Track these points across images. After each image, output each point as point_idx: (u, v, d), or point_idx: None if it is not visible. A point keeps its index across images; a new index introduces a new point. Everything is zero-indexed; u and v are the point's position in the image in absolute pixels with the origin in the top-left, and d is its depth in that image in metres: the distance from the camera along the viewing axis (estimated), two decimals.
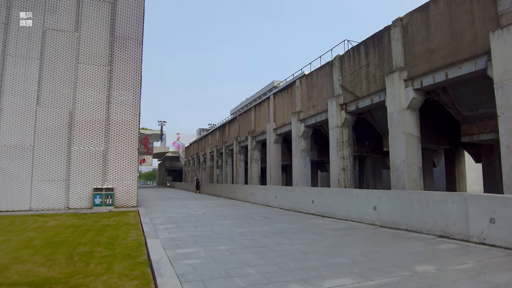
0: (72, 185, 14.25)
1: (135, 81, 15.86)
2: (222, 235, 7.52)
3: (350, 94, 12.89)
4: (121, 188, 14.96)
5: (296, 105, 16.57)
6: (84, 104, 14.90)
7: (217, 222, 9.79)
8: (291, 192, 13.61)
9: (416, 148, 10.18)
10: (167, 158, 68.08)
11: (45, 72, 14.54)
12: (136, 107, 15.75)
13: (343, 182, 12.74)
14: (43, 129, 14.23)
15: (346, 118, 12.94)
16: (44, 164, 14.04)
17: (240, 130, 25.15)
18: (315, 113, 15.08)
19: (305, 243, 6.64)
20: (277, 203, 14.74)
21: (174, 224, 9.51)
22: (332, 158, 13.23)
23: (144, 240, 6.91)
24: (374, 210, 9.38)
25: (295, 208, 13.14)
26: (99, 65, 15.36)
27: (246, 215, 11.82)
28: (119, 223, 9.55)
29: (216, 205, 16.04)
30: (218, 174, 30.98)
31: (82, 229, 8.47)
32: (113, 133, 15.15)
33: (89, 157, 14.63)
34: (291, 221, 10.23)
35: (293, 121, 16.36)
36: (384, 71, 11.31)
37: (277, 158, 18.81)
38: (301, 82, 16.44)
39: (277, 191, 14.87)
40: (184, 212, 12.65)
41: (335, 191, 11.06)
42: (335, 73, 13.73)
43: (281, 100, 18.60)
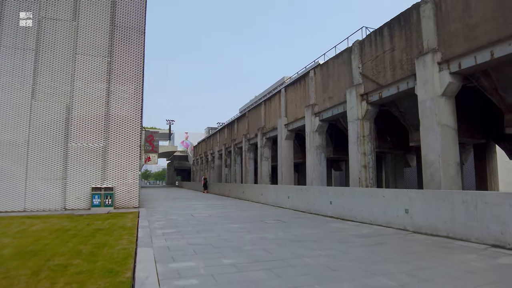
0: (69, 184, 13.25)
1: (137, 73, 14.80)
2: (229, 244, 6.32)
3: (372, 83, 11.54)
4: (122, 188, 13.89)
5: (310, 97, 15.27)
6: (82, 98, 13.88)
7: (224, 226, 8.59)
8: (306, 192, 12.34)
9: (452, 141, 8.81)
10: (175, 158, 67.35)
11: (40, 63, 13.57)
12: (138, 101, 14.69)
13: (365, 181, 11.40)
14: (39, 124, 13.26)
15: (368, 110, 11.60)
16: (39, 162, 13.07)
17: (250, 126, 23.92)
18: (331, 106, 13.77)
19: (329, 254, 5.39)
20: (289, 204, 13.50)
21: (174, 228, 8.35)
22: (351, 154, 11.90)
23: (134, 250, 5.76)
24: (405, 213, 8.06)
25: (310, 209, 11.88)
26: (99, 56, 14.34)
27: (256, 217, 10.61)
28: (113, 227, 8.44)
29: (224, 206, 14.86)
30: (226, 173, 29.83)
31: (69, 234, 7.37)
32: (113, 128, 14.10)
33: (87, 154, 13.61)
34: (307, 225, 8.98)
35: (307, 115, 15.07)
36: (413, 55, 9.95)
37: (289, 156, 17.53)
38: (316, 73, 15.14)
39: (289, 191, 13.61)
40: (188, 214, 11.50)
41: (357, 191, 9.75)
42: (354, 61, 12.39)
43: (293, 93, 17.32)
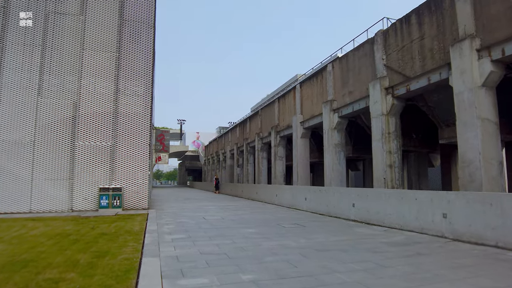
0: (77, 184, 12.72)
1: (146, 69, 14.19)
2: (246, 253, 5.55)
3: (398, 75, 10.62)
4: (131, 188, 13.30)
5: (328, 93, 14.39)
6: (90, 95, 13.35)
7: (239, 231, 7.83)
8: (325, 193, 11.48)
9: (494, 137, 7.85)
10: (187, 158, 67.09)
11: (47, 59, 13.09)
12: (148, 98, 14.08)
13: (390, 182, 10.49)
14: (45, 123, 12.77)
15: (393, 104, 10.68)
16: (45, 161, 12.57)
17: (263, 125, 23.14)
18: (351, 101, 12.87)
19: (366, 269, 4.56)
20: (306, 206, 12.67)
21: (185, 233, 7.63)
22: (375, 153, 11.00)
23: (139, 260, 5.04)
24: (443, 218, 7.15)
25: (330, 212, 11.02)
26: (107, 51, 13.78)
27: (272, 221, 9.83)
28: (119, 231, 7.78)
29: (237, 208, 14.12)
30: (238, 173, 29.12)
31: (69, 239, 6.73)
32: (122, 126, 13.52)
33: (95, 153, 13.06)
34: (330, 230, 8.14)
35: (325, 111, 14.20)
36: (446, 42, 9.00)
37: (304, 155, 16.68)
38: (334, 67, 14.25)
39: (307, 192, 12.77)
40: (200, 217, 10.79)
41: (385, 192, 8.85)
42: (378, 52, 11.48)
43: (309, 89, 16.46)
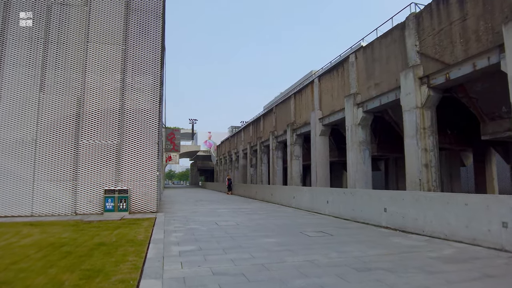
0: (81, 186, 11.89)
1: (154, 62, 13.28)
2: (268, 274, 4.48)
3: (435, 63, 9.38)
4: (138, 190, 12.40)
5: (351, 86, 13.20)
6: (95, 90, 12.52)
7: (257, 242, 6.77)
8: (351, 196, 10.32)
9: None
10: (199, 158, 66.50)
11: (49, 53, 12.31)
12: (156, 94, 13.16)
13: (426, 184, 9.25)
14: (47, 120, 12.00)
15: (429, 96, 9.44)
16: (48, 161, 11.79)
17: (277, 123, 22.03)
18: (378, 94, 11.65)
19: None
20: (329, 210, 11.53)
21: (195, 244, 6.60)
22: (409, 151, 9.77)
23: (136, 283, 4.04)
24: (502, 227, 5.94)
25: (356, 217, 9.87)
26: (113, 44, 12.93)
27: (293, 227, 8.73)
28: (120, 241, 6.83)
29: (252, 211, 13.07)
30: (252, 173, 28.09)
31: (61, 252, 5.80)
32: (129, 124, 12.65)
33: (100, 152, 12.21)
34: (362, 240, 7.01)
35: (347, 106, 13.01)
36: (495, 21, 7.74)
37: (324, 154, 15.51)
38: (357, 57, 13.05)
39: (329, 194, 11.63)
40: (212, 222, 9.77)
41: (425, 196, 7.65)
42: (409, 38, 10.25)
43: (328, 83, 15.29)
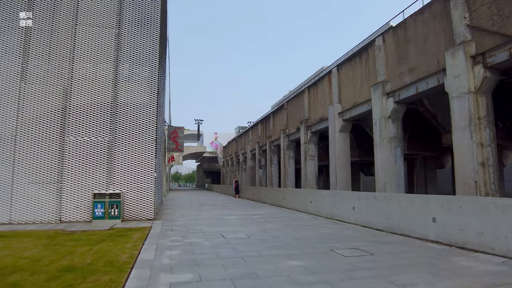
0: (67, 189, 10.30)
1: (152, 49, 11.66)
2: None
3: (492, 37, 7.57)
4: (133, 194, 10.77)
5: (378, 73, 11.41)
6: (84, 80, 10.94)
7: (277, 266, 5.02)
8: (385, 202, 8.52)
9: None
10: (205, 159, 64.96)
11: (32, 38, 10.79)
12: (154, 85, 11.52)
13: (484, 187, 7.41)
14: (29, 114, 10.46)
15: (486, 78, 7.62)
16: (29, 161, 10.23)
17: (289, 120, 20.26)
18: (413, 80, 9.86)
19: None
20: (355, 218, 9.75)
21: (193, 270, 4.87)
22: (459, 146, 7.94)
23: None
24: None
25: (392, 228, 8.08)
26: (105, 27, 11.37)
27: (319, 241, 6.98)
28: (97, 263, 5.16)
29: (264, 218, 11.34)
30: (261, 175, 26.34)
31: (8, 281, 4.14)
32: (123, 119, 11.04)
33: (89, 151, 10.62)
34: (416, 262, 5.21)
35: (375, 96, 11.23)
36: None
37: (344, 153, 13.72)
38: (385, 40, 11.26)
39: (356, 199, 9.85)
40: (217, 234, 8.06)
41: (495, 203, 5.80)
42: (456, 9, 8.45)
43: (349, 72, 13.51)
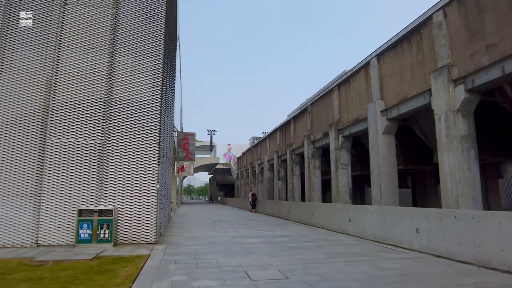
0: (46, 203, 8.14)
1: (156, 36, 9.58)
2: None
3: None
4: (128, 211, 8.52)
5: (439, 56, 9.00)
6: (71, 71, 8.92)
7: None
8: (473, 223, 5.99)
9: None
10: (218, 171, 62.81)
11: (9, 18, 8.89)
12: (157, 80, 9.38)
13: None
14: (3, 111, 8.46)
15: None
16: (1, 169, 8.16)
17: (314, 125, 17.87)
18: (497, 59, 7.42)
19: None
20: (420, 244, 7.23)
21: None
22: None
23: None
24: None
25: (489, 261, 5.57)
26: (99, 7, 9.41)
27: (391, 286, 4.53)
28: None
29: (295, 242, 8.89)
30: (280, 187, 23.89)
31: None
32: (118, 118, 8.92)
33: (75, 155, 8.48)
34: None
35: (436, 85, 8.79)
36: None
37: (389, 159, 11.22)
38: (447, 14, 8.90)
39: (421, 218, 7.32)
40: (239, 270, 5.66)
41: None
42: None
43: (394, 62, 11.15)
